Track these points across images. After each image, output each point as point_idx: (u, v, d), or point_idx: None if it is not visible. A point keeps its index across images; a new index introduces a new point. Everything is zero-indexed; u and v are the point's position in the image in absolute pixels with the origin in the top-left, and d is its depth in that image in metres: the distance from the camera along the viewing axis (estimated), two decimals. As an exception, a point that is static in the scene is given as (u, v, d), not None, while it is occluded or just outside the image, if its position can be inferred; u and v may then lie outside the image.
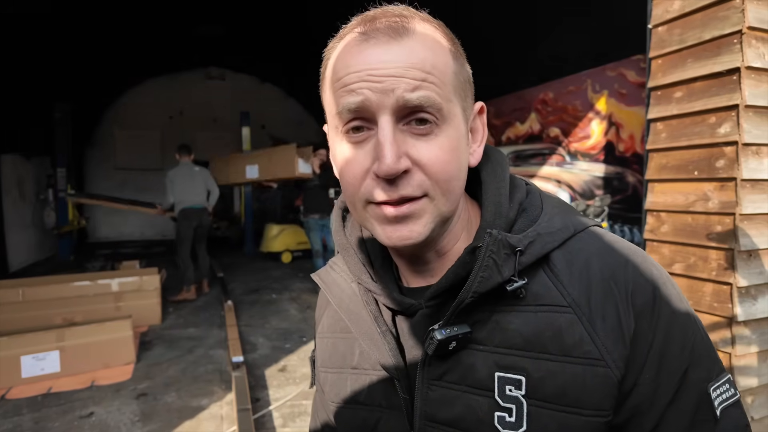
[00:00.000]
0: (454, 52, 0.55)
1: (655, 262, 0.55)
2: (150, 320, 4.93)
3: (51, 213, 9.03)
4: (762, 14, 1.78)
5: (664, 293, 0.52)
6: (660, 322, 0.50)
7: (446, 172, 0.51)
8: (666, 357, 0.50)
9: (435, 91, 0.50)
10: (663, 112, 2.05)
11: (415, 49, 0.50)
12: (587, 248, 0.53)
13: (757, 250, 1.83)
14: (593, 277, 0.51)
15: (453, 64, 0.54)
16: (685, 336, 0.51)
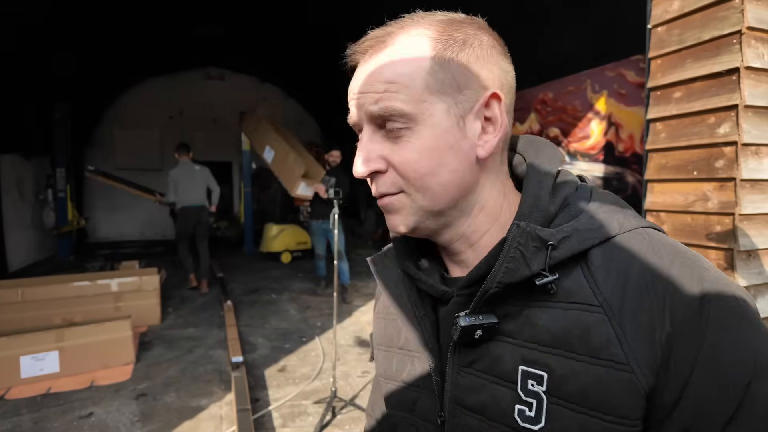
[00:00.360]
0: (439, 51, 0.55)
1: (710, 266, 0.50)
2: (149, 320, 4.93)
3: (50, 213, 9.02)
4: (761, 14, 1.78)
5: (715, 298, 0.46)
6: (708, 331, 0.45)
7: (415, 171, 0.55)
8: (718, 369, 0.45)
9: (398, 99, 0.53)
10: (662, 113, 2.05)
11: (381, 63, 0.55)
12: (631, 248, 0.50)
13: (756, 250, 1.83)
14: (631, 278, 0.49)
15: (429, 65, 0.54)
16: (745, 346, 0.46)
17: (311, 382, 3.58)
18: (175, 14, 8.76)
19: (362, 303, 5.95)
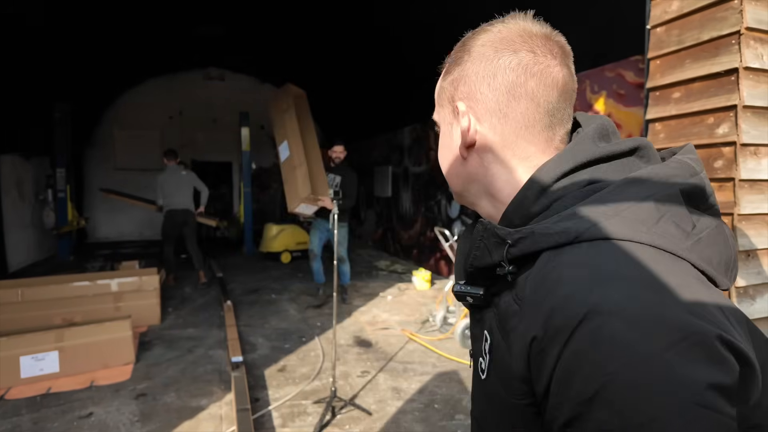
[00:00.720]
0: (445, 70, 0.70)
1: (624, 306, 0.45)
2: (149, 320, 4.93)
3: (50, 213, 9.03)
4: (760, 15, 1.78)
5: (586, 340, 0.45)
6: (566, 349, 0.46)
7: (439, 164, 0.74)
8: (569, 385, 0.46)
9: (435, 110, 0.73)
10: (661, 113, 2.06)
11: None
12: (563, 259, 0.51)
13: (755, 250, 1.83)
14: (541, 283, 0.51)
15: (442, 81, 0.70)
16: (598, 372, 0.44)
17: (311, 382, 3.58)
18: (175, 14, 8.76)
19: (362, 303, 5.96)
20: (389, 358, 4.09)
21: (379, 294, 6.44)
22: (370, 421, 3.03)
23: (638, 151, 0.60)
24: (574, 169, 0.59)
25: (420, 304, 5.97)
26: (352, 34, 8.86)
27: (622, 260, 0.49)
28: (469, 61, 0.65)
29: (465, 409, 3.18)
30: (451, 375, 3.74)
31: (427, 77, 7.20)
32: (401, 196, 9.43)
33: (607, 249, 0.50)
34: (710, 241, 0.54)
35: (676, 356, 0.42)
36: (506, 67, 0.62)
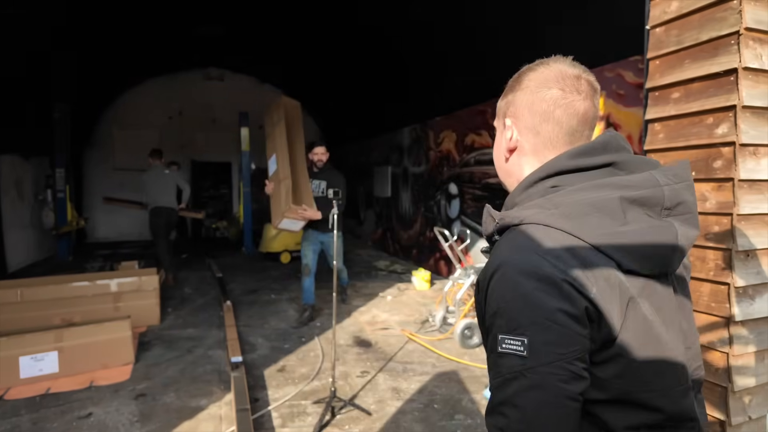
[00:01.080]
0: (504, 92, 1.03)
1: (516, 250, 0.79)
2: (149, 320, 4.93)
3: (49, 213, 9.03)
4: (759, 15, 1.79)
5: (496, 279, 0.78)
6: (489, 286, 0.79)
7: (494, 158, 1.05)
8: (489, 303, 0.79)
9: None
10: (660, 113, 2.06)
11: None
12: (510, 234, 0.83)
13: (754, 250, 1.83)
14: (497, 247, 0.83)
15: (500, 101, 1.02)
16: (498, 296, 0.77)
17: (310, 382, 3.58)
18: (174, 14, 8.76)
19: (361, 303, 5.96)
20: (389, 358, 4.10)
21: (379, 294, 6.44)
22: (370, 421, 3.03)
23: (614, 165, 0.84)
24: (546, 176, 0.85)
25: (419, 304, 5.97)
26: (351, 35, 8.86)
27: (529, 236, 0.78)
28: (519, 91, 0.94)
29: (464, 408, 3.18)
30: (451, 375, 3.74)
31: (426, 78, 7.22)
32: (401, 196, 9.43)
33: (526, 229, 0.80)
34: (634, 236, 0.77)
35: (541, 292, 0.72)
36: (542, 100, 0.88)
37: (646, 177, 0.81)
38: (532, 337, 0.70)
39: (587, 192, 0.79)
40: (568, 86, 0.88)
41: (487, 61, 6.17)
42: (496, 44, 5.84)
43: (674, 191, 0.81)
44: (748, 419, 1.85)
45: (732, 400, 1.81)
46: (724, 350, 1.81)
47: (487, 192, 6.32)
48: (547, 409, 0.69)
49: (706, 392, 1.88)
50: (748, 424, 1.87)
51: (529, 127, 0.90)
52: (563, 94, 0.87)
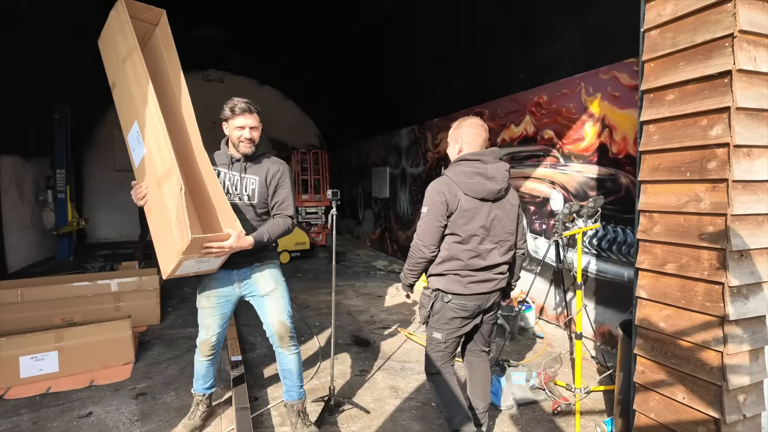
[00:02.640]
0: (452, 128, 2.61)
1: (434, 183, 2.45)
2: (149, 320, 4.95)
3: (50, 214, 9.04)
4: (753, 18, 1.81)
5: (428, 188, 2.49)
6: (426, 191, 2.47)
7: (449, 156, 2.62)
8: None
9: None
10: (655, 115, 2.08)
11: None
12: (441, 176, 2.50)
13: (748, 251, 1.85)
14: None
15: (452, 131, 2.63)
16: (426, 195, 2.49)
17: (309, 381, 3.60)
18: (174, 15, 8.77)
19: (360, 303, 5.97)
20: (387, 357, 4.11)
21: (377, 294, 6.45)
22: (368, 419, 3.04)
23: (480, 159, 2.37)
24: (456, 161, 2.44)
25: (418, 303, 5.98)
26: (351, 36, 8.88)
27: (442, 177, 2.44)
28: (459, 127, 2.51)
29: (462, 408, 3.20)
30: (449, 375, 3.76)
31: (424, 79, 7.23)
32: (399, 196, 9.45)
33: (444, 175, 2.44)
34: (471, 185, 2.34)
35: (435, 193, 2.36)
36: (467, 130, 2.48)
37: (488, 165, 2.37)
38: (429, 207, 2.36)
39: (463, 167, 2.38)
40: (477, 126, 2.48)
41: (484, 63, 6.19)
42: (494, 47, 5.86)
43: (492, 170, 2.36)
44: (742, 417, 1.86)
45: (726, 398, 1.83)
46: (719, 349, 1.83)
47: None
48: (429, 229, 2.36)
49: (702, 391, 1.90)
50: (742, 422, 1.89)
51: (466, 142, 2.46)
52: (476, 129, 2.47)
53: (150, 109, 2.26)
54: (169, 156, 2.17)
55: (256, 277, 2.63)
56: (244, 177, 2.58)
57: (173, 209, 2.10)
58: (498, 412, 3.14)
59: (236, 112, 2.52)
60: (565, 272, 4.63)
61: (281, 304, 2.66)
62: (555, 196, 4.98)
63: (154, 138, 2.26)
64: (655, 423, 2.09)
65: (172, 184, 2.14)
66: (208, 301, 2.62)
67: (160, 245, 2.25)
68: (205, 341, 2.67)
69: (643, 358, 2.16)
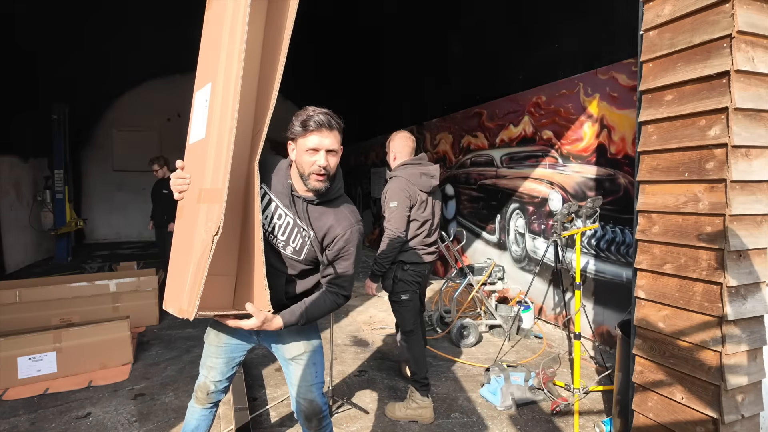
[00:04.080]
0: (388, 140, 3.33)
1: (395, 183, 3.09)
2: (148, 321, 4.94)
3: (48, 214, 9.03)
4: (751, 18, 1.81)
5: (390, 188, 3.13)
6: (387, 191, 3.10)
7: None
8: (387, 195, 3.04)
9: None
10: (654, 115, 2.08)
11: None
12: (394, 177, 3.14)
13: (746, 251, 1.86)
14: (390, 182, 3.14)
15: (389, 142, 3.34)
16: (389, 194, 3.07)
17: (308, 382, 3.59)
18: (174, 15, 8.77)
19: (359, 303, 5.97)
20: (386, 358, 4.11)
21: (376, 294, 6.45)
22: (367, 419, 3.04)
23: (420, 162, 3.11)
24: (402, 164, 3.11)
25: (417, 304, 5.99)
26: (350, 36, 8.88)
27: (399, 179, 3.07)
28: (393, 140, 3.20)
29: (461, 407, 3.20)
30: (447, 374, 3.76)
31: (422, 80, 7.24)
32: (399, 197, 9.45)
33: (398, 176, 3.09)
34: (421, 182, 3.04)
35: (400, 191, 3.03)
36: (398, 142, 3.16)
37: (428, 166, 3.10)
38: (399, 202, 2.99)
39: (410, 169, 3.06)
40: (407, 138, 3.17)
41: (483, 64, 6.20)
42: (493, 47, 5.86)
43: (433, 170, 3.10)
44: (740, 417, 1.87)
45: (725, 398, 1.83)
46: (717, 349, 1.83)
47: (482, 193, 6.35)
48: (401, 219, 3.00)
49: (700, 391, 1.90)
50: (741, 422, 1.89)
51: (399, 152, 3.15)
52: (405, 140, 3.16)
53: (230, 85, 1.52)
54: (223, 172, 1.48)
55: (281, 332, 1.88)
56: (299, 226, 1.81)
57: (198, 250, 1.49)
58: (497, 412, 3.14)
59: (310, 128, 1.71)
60: (563, 272, 4.63)
61: (310, 374, 1.97)
62: (554, 196, 4.98)
63: (219, 131, 1.54)
64: (654, 423, 2.10)
65: (211, 215, 1.49)
66: (216, 338, 2.03)
67: (172, 275, 1.67)
68: (203, 385, 2.03)
69: (642, 359, 2.17)
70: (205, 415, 2.06)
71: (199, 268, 1.45)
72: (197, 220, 1.53)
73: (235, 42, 1.51)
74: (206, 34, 1.81)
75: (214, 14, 1.78)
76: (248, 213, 1.69)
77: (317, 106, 1.76)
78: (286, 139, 1.81)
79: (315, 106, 1.77)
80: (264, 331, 1.78)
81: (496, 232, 6.09)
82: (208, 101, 1.61)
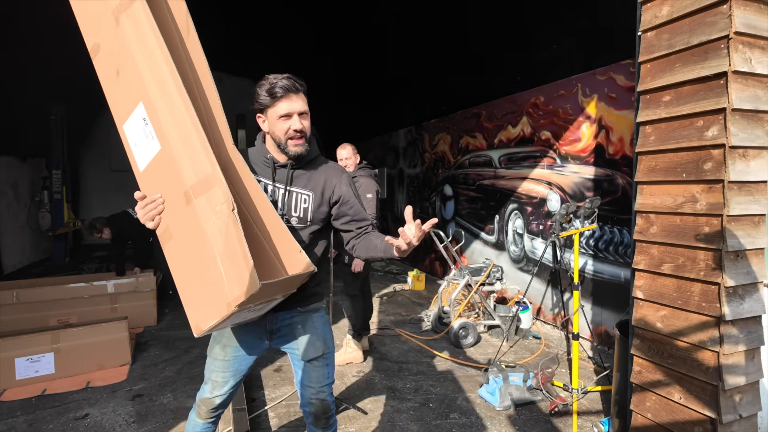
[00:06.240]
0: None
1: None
2: (146, 321, 4.93)
3: (46, 215, 9.02)
4: (749, 20, 1.82)
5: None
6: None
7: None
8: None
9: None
10: (652, 116, 2.09)
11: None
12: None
13: (744, 251, 1.86)
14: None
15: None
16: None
17: (307, 383, 3.59)
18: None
19: (358, 304, 5.97)
20: (384, 358, 4.11)
21: (375, 294, 6.45)
22: (366, 420, 3.04)
23: (370, 166, 4.02)
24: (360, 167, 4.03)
25: (415, 304, 5.99)
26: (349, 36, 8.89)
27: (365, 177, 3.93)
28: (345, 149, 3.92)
29: (459, 407, 3.20)
30: (446, 374, 3.76)
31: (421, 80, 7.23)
32: (396, 197, 9.46)
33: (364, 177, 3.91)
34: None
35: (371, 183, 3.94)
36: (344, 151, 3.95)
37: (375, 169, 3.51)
38: (372, 194, 3.80)
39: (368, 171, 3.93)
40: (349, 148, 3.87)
41: (481, 64, 6.21)
42: (491, 47, 5.87)
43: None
44: (738, 417, 1.87)
45: (723, 398, 1.84)
46: (715, 349, 1.84)
47: (481, 193, 6.35)
48: (375, 208, 3.78)
49: (698, 391, 1.91)
50: (738, 422, 1.89)
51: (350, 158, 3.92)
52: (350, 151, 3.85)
53: (168, 84, 1.51)
54: (206, 157, 1.47)
55: (297, 333, 1.89)
56: (292, 191, 1.81)
57: (219, 238, 1.42)
58: (495, 412, 3.14)
59: (278, 95, 1.72)
60: (562, 273, 4.63)
61: (324, 375, 1.94)
62: (552, 197, 4.99)
63: (178, 128, 1.51)
64: (652, 423, 2.10)
65: (215, 200, 1.44)
66: (222, 351, 1.88)
67: (190, 288, 1.51)
68: (207, 401, 1.90)
69: (640, 359, 2.17)
70: (207, 428, 1.99)
71: (236, 249, 1.38)
72: (199, 219, 1.46)
73: (149, 47, 1.53)
74: (102, 66, 1.77)
75: (108, 50, 1.73)
76: (243, 192, 1.66)
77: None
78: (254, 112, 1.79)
79: (273, 74, 1.77)
80: (278, 334, 1.87)
81: (494, 232, 6.10)
82: (147, 118, 1.57)
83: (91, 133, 11.76)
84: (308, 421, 1.99)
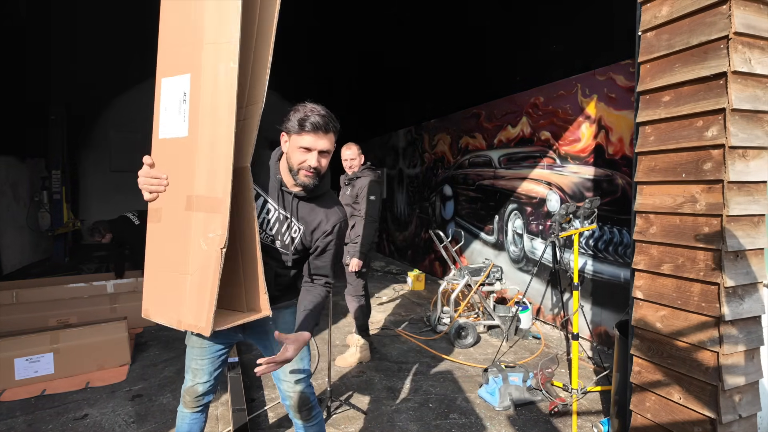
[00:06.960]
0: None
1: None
2: (145, 321, 4.92)
3: (45, 215, 9.01)
4: (748, 20, 1.82)
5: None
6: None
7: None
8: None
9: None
10: (651, 116, 2.09)
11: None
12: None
13: (743, 251, 1.86)
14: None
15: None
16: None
17: (306, 383, 3.59)
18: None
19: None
20: (384, 358, 4.11)
21: (374, 295, 6.45)
22: (365, 420, 3.04)
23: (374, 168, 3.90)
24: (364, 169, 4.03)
25: (415, 304, 5.99)
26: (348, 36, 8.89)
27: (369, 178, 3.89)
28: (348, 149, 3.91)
29: (459, 408, 3.20)
30: (445, 374, 3.76)
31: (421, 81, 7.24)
32: (396, 197, 9.46)
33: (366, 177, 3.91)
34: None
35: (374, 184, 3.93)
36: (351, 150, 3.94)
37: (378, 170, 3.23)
38: (376, 197, 3.89)
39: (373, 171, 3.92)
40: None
41: (481, 64, 6.21)
42: (492, 47, 5.87)
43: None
44: (738, 418, 1.87)
45: (722, 398, 1.84)
46: (714, 349, 1.84)
47: (480, 193, 6.35)
48: (378, 210, 3.85)
49: (698, 391, 1.91)
50: (738, 422, 1.89)
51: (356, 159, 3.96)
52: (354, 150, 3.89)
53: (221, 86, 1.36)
54: (224, 181, 1.35)
55: (269, 328, 1.94)
56: (289, 219, 1.83)
57: (198, 263, 1.39)
58: (495, 412, 3.14)
59: (306, 128, 1.69)
60: (561, 273, 4.63)
61: (300, 366, 1.99)
62: (552, 197, 4.99)
63: (212, 134, 1.38)
64: (652, 423, 2.10)
65: (211, 226, 1.37)
66: (199, 340, 1.93)
67: (156, 276, 1.51)
68: (190, 389, 1.96)
69: (640, 359, 2.17)
70: (196, 418, 2.01)
71: (207, 285, 1.37)
72: (189, 229, 1.41)
73: (225, 31, 1.35)
74: (173, 14, 1.52)
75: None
76: (239, 215, 1.53)
77: (315, 103, 1.75)
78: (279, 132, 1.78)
79: (313, 104, 1.76)
80: (251, 327, 1.88)
81: (494, 232, 6.10)
82: (188, 95, 1.42)
83: (91, 133, 11.76)
84: (291, 415, 2.05)
